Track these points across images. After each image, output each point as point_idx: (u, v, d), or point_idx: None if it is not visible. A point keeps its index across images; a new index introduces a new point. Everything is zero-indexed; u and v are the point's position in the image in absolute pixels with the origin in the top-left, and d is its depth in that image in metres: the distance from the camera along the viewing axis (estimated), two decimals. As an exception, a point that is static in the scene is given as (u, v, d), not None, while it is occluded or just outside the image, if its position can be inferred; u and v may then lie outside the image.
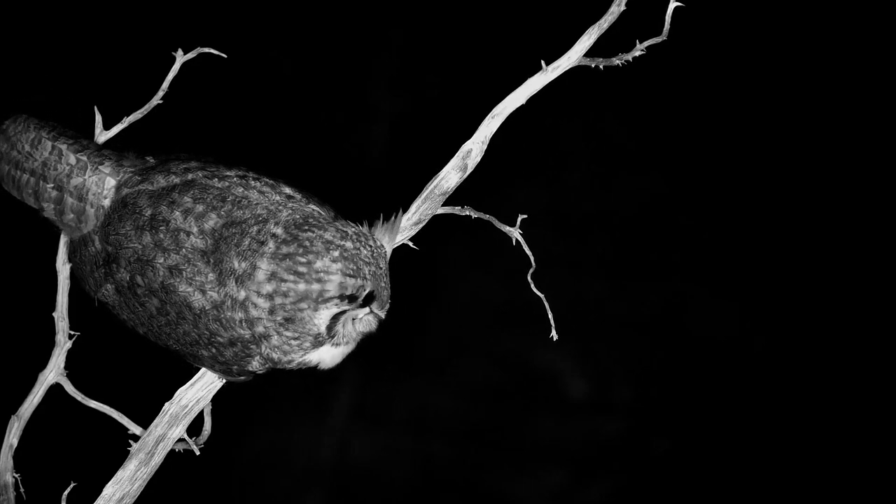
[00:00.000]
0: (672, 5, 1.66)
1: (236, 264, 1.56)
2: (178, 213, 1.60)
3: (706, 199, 3.69)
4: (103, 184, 1.68)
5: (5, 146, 1.71)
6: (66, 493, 1.76)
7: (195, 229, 1.59)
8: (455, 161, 1.77)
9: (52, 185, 1.69)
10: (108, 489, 1.72)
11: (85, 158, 1.69)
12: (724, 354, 3.62)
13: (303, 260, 1.55)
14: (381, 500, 3.54)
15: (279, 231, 1.57)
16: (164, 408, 1.74)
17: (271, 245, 1.56)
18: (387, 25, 3.69)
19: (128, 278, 1.62)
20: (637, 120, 3.71)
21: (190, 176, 1.64)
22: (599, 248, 3.71)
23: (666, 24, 1.67)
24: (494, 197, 3.51)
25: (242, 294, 1.56)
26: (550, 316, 1.75)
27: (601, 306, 3.67)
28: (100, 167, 1.69)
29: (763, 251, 3.64)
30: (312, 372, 1.67)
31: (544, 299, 1.76)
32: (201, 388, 1.75)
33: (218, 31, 3.37)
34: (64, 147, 1.70)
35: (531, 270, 1.76)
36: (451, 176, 1.77)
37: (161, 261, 1.59)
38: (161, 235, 1.60)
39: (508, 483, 3.56)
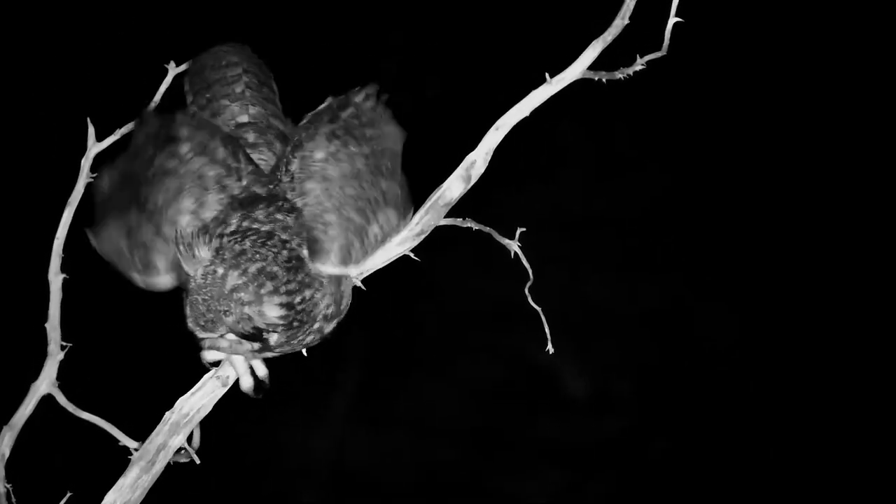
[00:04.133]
0: (671, 21, 1.66)
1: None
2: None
3: (706, 200, 3.69)
4: None
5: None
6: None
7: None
8: (459, 172, 1.76)
9: None
10: (110, 496, 1.72)
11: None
12: (723, 355, 3.62)
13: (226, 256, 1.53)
14: (380, 502, 3.54)
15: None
16: (164, 416, 1.74)
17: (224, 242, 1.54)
18: (387, 28, 3.67)
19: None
20: (637, 124, 3.70)
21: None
22: (599, 248, 3.70)
23: (665, 39, 1.67)
24: (494, 198, 3.49)
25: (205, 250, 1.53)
26: (547, 329, 1.75)
27: (601, 306, 3.67)
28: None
29: (763, 252, 3.63)
30: (311, 373, 1.65)
31: (541, 312, 1.75)
32: (202, 397, 1.74)
33: (217, 33, 3.35)
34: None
35: (528, 284, 1.76)
36: (454, 187, 1.76)
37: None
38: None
39: (508, 483, 3.56)
